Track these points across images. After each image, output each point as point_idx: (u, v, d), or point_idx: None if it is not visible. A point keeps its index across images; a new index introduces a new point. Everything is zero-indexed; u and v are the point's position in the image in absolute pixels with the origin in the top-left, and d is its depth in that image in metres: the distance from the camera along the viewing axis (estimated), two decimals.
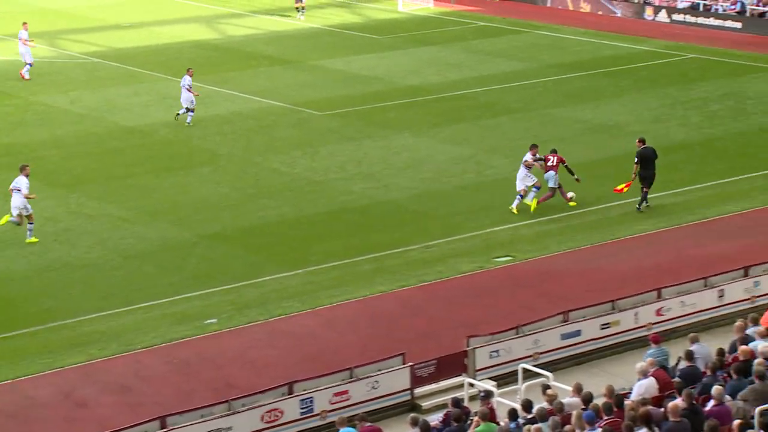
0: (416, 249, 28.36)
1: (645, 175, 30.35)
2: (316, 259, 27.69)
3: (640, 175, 30.38)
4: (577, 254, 28.08)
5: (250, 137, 37.79)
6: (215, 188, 32.84)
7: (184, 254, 28.14)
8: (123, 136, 37.89)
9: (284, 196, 32.18)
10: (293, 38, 53.36)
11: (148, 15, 58.44)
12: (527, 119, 39.63)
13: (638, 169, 30.34)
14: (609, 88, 43.65)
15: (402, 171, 34.21)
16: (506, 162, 34.83)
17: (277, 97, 42.44)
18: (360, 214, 30.85)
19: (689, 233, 29.36)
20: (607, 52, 50.15)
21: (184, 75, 38.98)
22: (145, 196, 32.15)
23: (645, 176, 30.36)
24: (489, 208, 31.10)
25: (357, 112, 40.62)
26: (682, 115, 40.02)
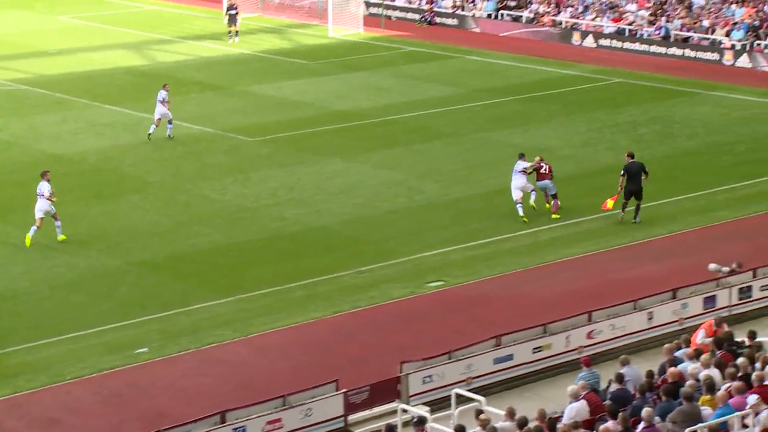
0: (349, 275, 28.38)
1: (632, 188, 31.30)
2: (248, 286, 27.59)
3: (627, 188, 31.26)
4: (507, 278, 28.26)
5: (180, 164, 37.60)
6: (145, 215, 32.62)
7: (113, 282, 27.90)
8: (51, 164, 37.27)
9: (215, 222, 32.05)
10: (223, 64, 53.25)
11: (77, 41, 57.99)
12: (458, 144, 39.86)
13: (624, 182, 31.23)
14: (538, 113, 44.06)
15: (334, 196, 34.23)
16: (437, 187, 35.03)
17: (207, 124, 42.30)
18: (292, 241, 30.80)
19: (617, 256, 29.68)
20: (535, 77, 50.64)
21: (160, 90, 39.73)
22: (74, 224, 31.81)
23: (633, 190, 31.31)
24: (421, 233, 31.23)
25: (288, 137, 40.60)
26: (610, 138, 40.51)
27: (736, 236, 30.95)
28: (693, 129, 41.66)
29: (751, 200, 33.84)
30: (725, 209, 33.07)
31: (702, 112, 44.12)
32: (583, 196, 34.33)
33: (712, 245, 29.97)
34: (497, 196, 34.21)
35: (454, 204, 33.60)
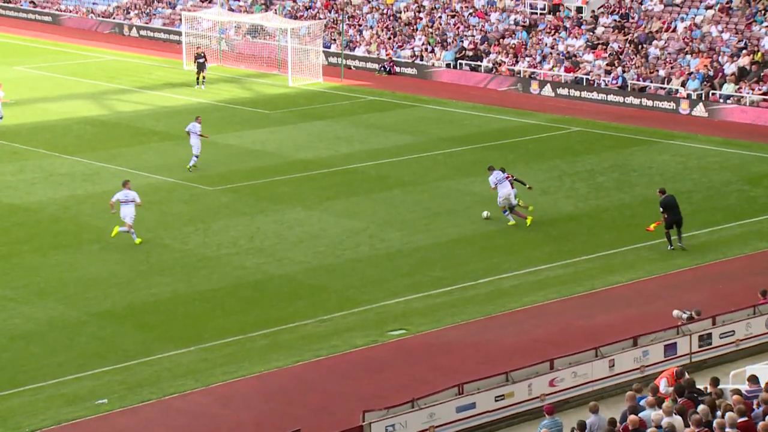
0: (311, 323, 28.31)
1: (674, 219, 33.26)
2: (209, 336, 27.44)
3: (669, 220, 33.23)
4: (469, 326, 28.27)
5: (140, 213, 37.29)
6: (104, 266, 32.40)
7: (72, 333, 27.65)
8: (7, 215, 37.21)
9: (176, 272, 31.88)
10: (183, 113, 53.13)
11: (34, 92, 57.81)
12: (419, 192, 39.99)
13: (665, 216, 33.19)
14: (498, 161, 44.05)
15: (295, 245, 34.19)
16: (399, 235, 35.08)
17: (167, 173, 42.19)
18: (254, 290, 30.69)
19: (578, 304, 29.79)
20: (494, 126, 50.99)
21: (193, 122, 42.05)
22: (31, 274, 31.57)
23: (675, 220, 33.27)
24: (383, 281, 31.23)
25: (249, 186, 40.56)
26: (569, 186, 40.78)
27: (695, 284, 31.17)
28: (651, 177, 42.03)
29: (709, 248, 34.12)
30: (684, 257, 33.30)
31: (659, 160, 44.54)
32: (543, 244, 34.51)
33: (671, 293, 30.16)
34: (459, 244, 34.34)
35: (416, 252, 33.65)
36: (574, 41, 61.20)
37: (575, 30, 62.16)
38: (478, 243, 34.56)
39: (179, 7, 77.79)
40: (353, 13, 71.21)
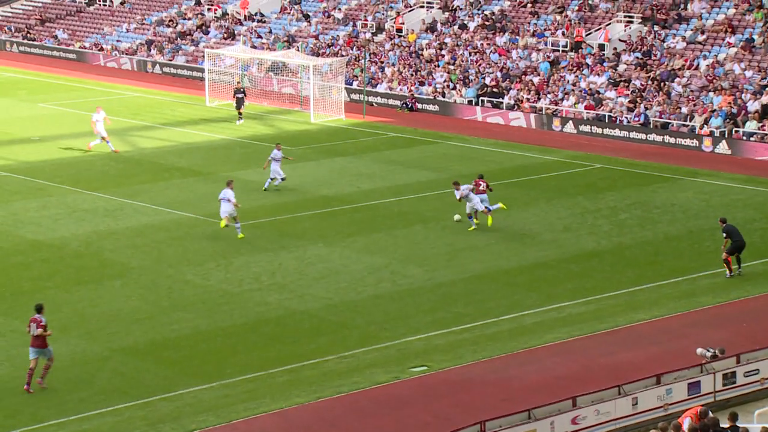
0: (332, 360, 28.25)
1: (739, 244, 34.23)
2: (231, 372, 27.41)
3: (732, 247, 34.13)
4: (491, 363, 28.16)
5: (162, 249, 37.52)
6: (126, 301, 32.45)
7: (94, 369, 27.67)
8: (31, 250, 37.35)
9: (198, 308, 31.91)
10: (205, 150, 53.43)
11: (59, 128, 58.16)
12: (441, 228, 39.96)
13: (728, 243, 34.10)
14: (519, 198, 44.27)
15: (317, 281, 34.18)
16: (421, 271, 35.04)
17: (189, 209, 42.30)
18: (275, 326, 30.68)
19: (601, 341, 29.64)
20: (516, 162, 50.99)
21: (274, 150, 44.75)
22: (54, 310, 31.55)
23: (739, 245, 34.23)
24: (404, 317, 31.18)
25: (271, 222, 40.61)
26: (591, 223, 40.68)
27: (719, 322, 30.98)
28: (673, 214, 41.91)
29: (733, 286, 33.92)
30: (707, 294, 33.14)
31: (682, 197, 44.41)
32: (565, 281, 34.42)
33: (695, 331, 29.99)
34: (481, 280, 34.29)
35: (438, 288, 33.60)
36: (596, 78, 61.24)
37: (597, 67, 62.22)
38: (500, 279, 34.50)
39: (202, 44, 78.27)
40: (375, 50, 71.50)
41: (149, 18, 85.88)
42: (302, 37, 75.58)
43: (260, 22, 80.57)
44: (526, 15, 70.69)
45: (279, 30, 78.22)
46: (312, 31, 76.65)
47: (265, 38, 76.74)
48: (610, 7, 68.03)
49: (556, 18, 68.50)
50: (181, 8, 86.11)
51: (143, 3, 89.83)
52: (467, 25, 71.46)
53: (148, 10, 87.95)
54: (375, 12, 76.44)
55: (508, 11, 71.84)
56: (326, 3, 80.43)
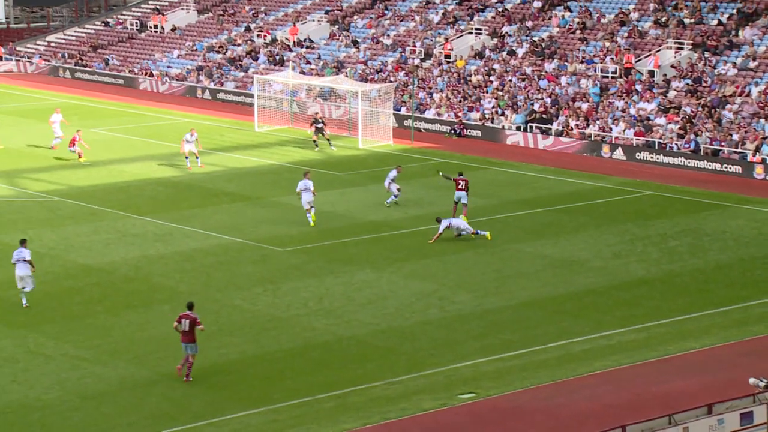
0: (380, 386, 28.16)
1: None
2: (278, 397, 27.40)
3: None
4: (540, 391, 27.96)
5: (210, 274, 37.66)
6: None
7: (143, 393, 27.76)
8: (82, 275, 37.62)
9: (245, 333, 31.96)
10: (254, 175, 53.66)
11: (109, 153, 58.66)
12: (489, 254, 39.82)
13: None
14: (568, 224, 44.06)
15: (364, 307, 34.15)
16: (469, 297, 34.93)
17: (238, 234, 42.46)
18: (323, 351, 30.65)
19: (651, 370, 29.35)
20: (565, 189, 50.77)
21: (392, 170, 46.68)
22: (104, 334, 31.81)
23: None
24: (452, 344, 31.05)
25: (319, 248, 40.66)
26: (641, 251, 40.38)
27: None
28: (724, 242, 41.51)
29: None
30: (760, 323, 32.75)
31: (733, 225, 43.99)
32: (614, 308, 34.17)
33: (748, 360, 29.62)
34: (529, 307, 34.12)
35: (486, 315, 33.46)
36: (646, 105, 60.93)
37: (647, 94, 61.91)
38: (549, 306, 34.30)
39: (251, 70, 78.77)
40: (423, 75, 71.61)
41: (199, 44, 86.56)
42: (351, 63, 75.86)
43: (309, 48, 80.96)
44: (575, 41, 70.56)
45: (328, 56, 78.56)
46: (361, 57, 76.93)
47: (314, 64, 77.11)
48: (660, 33, 67.74)
49: (605, 44, 68.30)
50: (230, 35, 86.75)
51: (194, 29, 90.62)
52: (516, 51, 71.43)
53: (198, 37, 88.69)
54: (423, 38, 76.61)
55: (556, 37, 71.75)
56: (375, 29, 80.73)
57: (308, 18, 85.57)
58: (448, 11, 79.31)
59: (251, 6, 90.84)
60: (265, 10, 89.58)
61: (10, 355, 30.04)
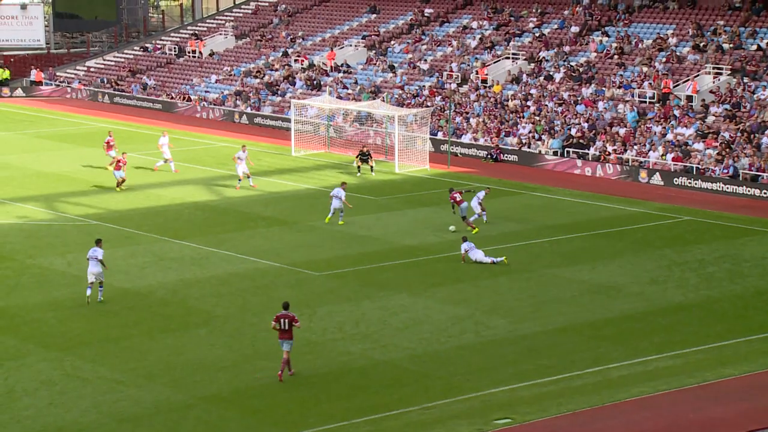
0: (415, 410, 28.05)
1: None
2: (314, 421, 27.35)
3: None
4: (576, 417, 27.76)
5: (246, 298, 37.72)
6: (211, 350, 32.61)
7: (178, 417, 27.78)
8: (119, 298, 37.77)
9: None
10: (291, 199, 53.77)
11: (146, 177, 58.99)
12: (525, 279, 39.67)
13: None
14: (605, 249, 43.85)
15: (400, 331, 34.08)
16: (505, 322, 34.79)
17: (274, 258, 42.53)
18: (358, 375, 30.59)
19: (689, 396, 29.09)
20: (602, 214, 50.55)
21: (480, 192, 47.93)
22: (140, 358, 31.90)
23: None
24: (488, 369, 30.91)
25: (354, 272, 40.65)
26: (679, 276, 40.10)
27: None
28: (764, 268, 41.16)
29: None
30: None
31: None
32: (652, 334, 33.93)
33: None
34: (565, 332, 33.94)
35: (522, 340, 33.30)
36: (684, 130, 60.63)
37: (685, 119, 61.63)
38: (585, 332, 34.10)
39: (288, 94, 79.08)
40: (460, 100, 71.63)
41: (237, 69, 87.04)
42: (387, 88, 76.03)
43: (346, 73, 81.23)
44: (612, 66, 70.40)
45: (364, 81, 78.77)
46: (397, 81, 77.08)
47: (351, 89, 77.32)
48: (698, 58, 67.48)
49: (643, 69, 68.10)
50: (268, 59, 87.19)
51: (231, 54, 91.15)
52: (553, 76, 71.33)
53: (236, 62, 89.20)
54: (460, 63, 76.68)
55: (594, 62, 71.61)
56: (412, 54, 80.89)
57: (345, 43, 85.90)
58: (485, 36, 79.38)
59: (289, 31, 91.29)
60: (302, 35, 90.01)
61: (48, 378, 30.18)
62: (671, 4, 75.04)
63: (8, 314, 35.77)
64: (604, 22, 76.35)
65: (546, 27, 78.42)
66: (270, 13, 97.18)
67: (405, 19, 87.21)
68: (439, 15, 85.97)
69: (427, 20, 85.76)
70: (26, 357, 31.71)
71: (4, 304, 36.98)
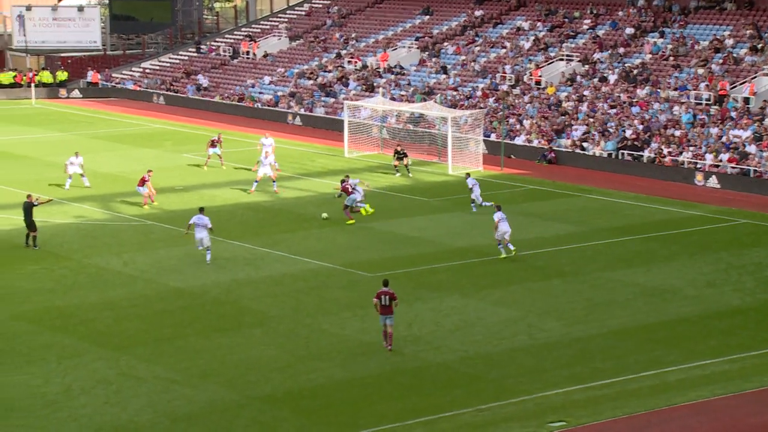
0: (468, 412, 27.96)
1: None
2: (366, 423, 27.33)
3: None
4: (631, 420, 27.54)
5: (300, 298, 37.81)
6: (264, 350, 32.71)
7: (232, 417, 27.87)
8: (173, 298, 38.02)
9: (334, 357, 31.98)
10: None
11: (201, 178, 59.29)
12: (579, 282, 39.44)
13: None
14: (660, 252, 43.49)
15: (452, 333, 33.99)
16: (558, 325, 34.60)
17: (327, 259, 42.58)
18: (411, 377, 30.54)
19: (746, 401, 28.77)
20: (657, 216, 50.14)
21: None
22: (194, 357, 32.06)
23: None
24: (541, 372, 30.75)
25: (407, 273, 40.59)
26: (736, 280, 39.68)
27: None
28: None
29: None
30: None
31: None
32: (708, 337, 33.59)
33: None
34: (620, 335, 33.68)
35: (576, 343, 33.09)
36: (741, 132, 60.01)
37: (742, 121, 60.98)
38: (640, 335, 33.82)
39: (341, 96, 79.21)
40: (513, 102, 71.38)
41: (290, 71, 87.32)
42: (441, 89, 75.94)
43: (399, 74, 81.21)
44: (668, 68, 69.85)
45: (418, 82, 78.72)
46: (450, 83, 76.96)
47: (404, 90, 77.29)
48: (756, 60, 66.76)
49: (698, 71, 67.51)
50: (321, 61, 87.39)
51: (285, 56, 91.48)
52: (607, 77, 70.90)
53: (289, 63, 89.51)
54: (514, 64, 76.43)
55: (649, 64, 71.09)
56: (465, 56, 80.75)
57: (399, 44, 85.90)
58: (539, 38, 79.06)
59: (342, 33, 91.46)
60: (355, 36, 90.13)
61: (103, 377, 30.40)
62: (728, 5, 74.31)
63: (65, 313, 36.10)
64: (659, 23, 75.76)
65: (600, 28, 77.96)
66: (323, 14, 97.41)
67: (458, 21, 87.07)
68: (493, 16, 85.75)
69: (481, 22, 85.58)
70: (83, 356, 31.98)
71: (62, 303, 37.33)
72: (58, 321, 35.21)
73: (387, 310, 32.17)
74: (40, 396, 29.01)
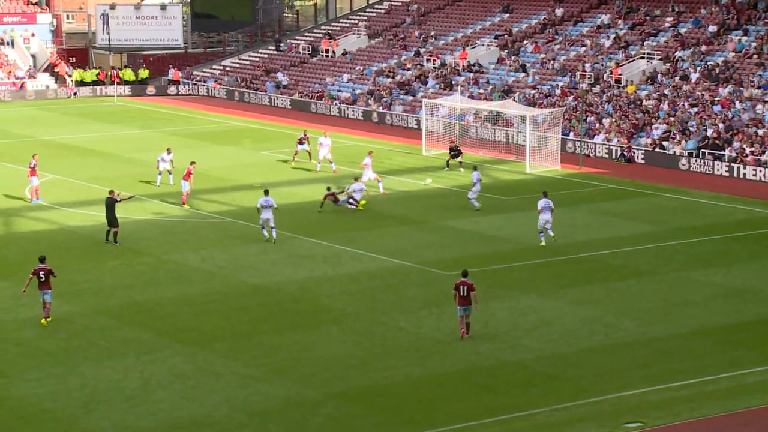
0: (544, 412, 27.90)
1: None
2: (440, 421, 27.39)
3: None
4: (709, 422, 27.27)
5: (376, 296, 37.94)
6: (341, 347, 32.90)
7: (308, 413, 28.10)
8: (250, 294, 38.36)
9: (410, 355, 32.07)
10: (420, 198, 53.86)
11: (279, 175, 59.72)
12: (657, 282, 39.11)
13: None
14: (741, 253, 42.95)
15: (529, 332, 33.91)
16: (635, 324, 34.36)
17: (403, 257, 42.68)
18: (487, 376, 30.54)
19: None
20: (738, 216, 49.53)
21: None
22: (271, 353, 32.34)
23: None
24: (618, 372, 30.58)
25: (484, 272, 40.54)
26: None
27: None
28: None
29: None
30: None
31: None
32: None
33: None
34: (698, 336, 33.36)
35: (653, 343, 32.84)
36: None
37: None
38: (719, 335, 33.47)
39: (420, 94, 79.26)
40: (592, 100, 70.90)
41: (369, 69, 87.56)
42: (519, 88, 75.65)
43: (478, 72, 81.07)
44: (751, 66, 68.90)
45: (496, 80, 78.52)
46: (529, 81, 76.65)
47: (482, 88, 77.13)
48: None
49: None
50: (400, 59, 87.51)
51: (364, 54, 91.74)
52: (689, 76, 70.12)
53: (368, 61, 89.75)
54: (593, 63, 75.89)
55: (732, 62, 70.18)
56: (544, 54, 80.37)
57: (478, 42, 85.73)
58: (620, 36, 78.42)
59: (421, 31, 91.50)
60: (434, 34, 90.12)
61: (181, 372, 30.80)
62: None
63: (144, 308, 36.61)
64: (743, 21, 74.73)
65: (682, 26, 77.11)
66: (402, 12, 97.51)
67: (538, 19, 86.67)
68: (573, 14, 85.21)
69: (560, 20, 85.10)
70: (161, 351, 32.43)
71: (141, 298, 37.86)
72: (138, 316, 35.73)
73: (465, 301, 32.55)
74: (119, 390, 29.48)
